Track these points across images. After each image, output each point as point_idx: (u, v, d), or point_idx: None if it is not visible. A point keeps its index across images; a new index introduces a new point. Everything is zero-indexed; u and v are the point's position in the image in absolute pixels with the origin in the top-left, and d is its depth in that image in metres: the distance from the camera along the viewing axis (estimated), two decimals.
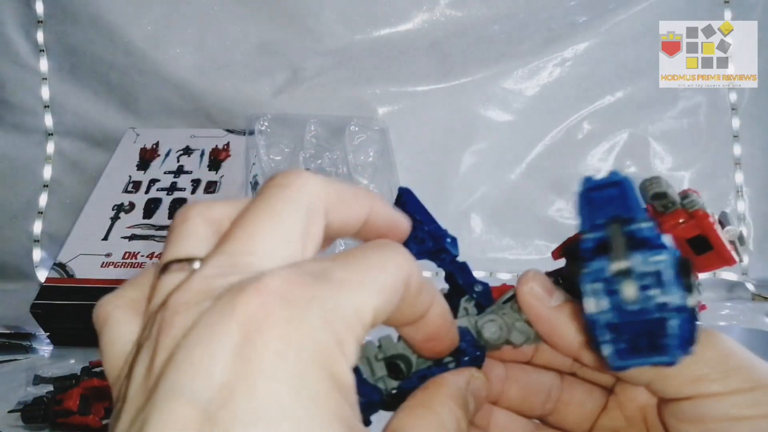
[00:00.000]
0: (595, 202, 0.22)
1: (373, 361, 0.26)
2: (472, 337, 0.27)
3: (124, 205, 0.80)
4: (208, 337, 0.16)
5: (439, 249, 0.28)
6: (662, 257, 0.20)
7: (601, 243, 0.21)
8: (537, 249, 0.91)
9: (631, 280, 0.20)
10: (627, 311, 0.20)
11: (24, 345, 0.74)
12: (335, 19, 0.91)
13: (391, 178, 0.86)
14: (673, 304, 0.20)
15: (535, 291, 0.26)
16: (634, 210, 0.21)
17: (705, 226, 0.27)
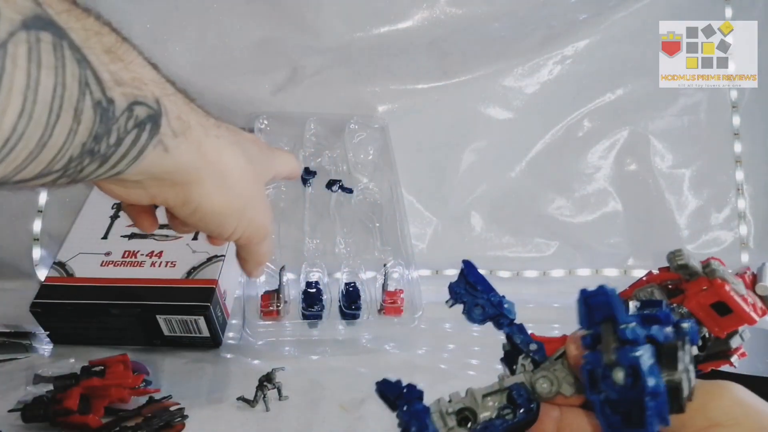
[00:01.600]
0: (592, 305, 0.27)
1: (444, 415, 0.31)
2: (527, 392, 0.31)
3: None
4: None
5: (498, 314, 0.34)
6: (640, 353, 0.25)
7: (596, 338, 0.27)
8: (537, 247, 0.91)
9: (619, 368, 0.25)
10: (617, 391, 0.25)
11: (24, 344, 0.74)
12: (335, 17, 0.91)
13: (391, 176, 0.86)
14: (648, 390, 0.24)
15: (582, 352, 0.29)
16: (619, 314, 0.26)
17: (722, 294, 0.32)
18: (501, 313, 0.34)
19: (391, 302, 0.74)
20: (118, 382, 0.59)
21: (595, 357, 0.26)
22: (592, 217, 0.92)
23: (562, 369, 0.31)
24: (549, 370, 0.31)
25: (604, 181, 0.93)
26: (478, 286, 0.36)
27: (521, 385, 0.31)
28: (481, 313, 0.35)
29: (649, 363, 0.25)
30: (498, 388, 0.31)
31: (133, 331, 0.70)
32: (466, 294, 0.36)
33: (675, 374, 0.26)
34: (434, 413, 0.31)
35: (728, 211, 0.92)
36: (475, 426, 0.30)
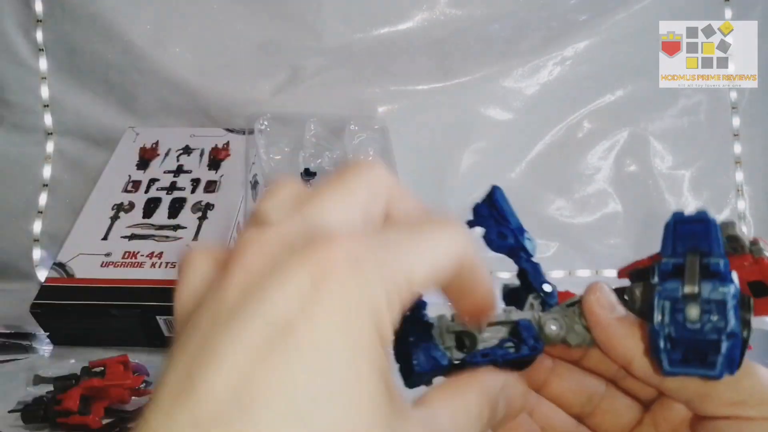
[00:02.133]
0: (680, 233, 0.25)
1: (444, 332, 0.29)
2: (534, 330, 0.30)
3: (123, 204, 0.80)
4: (280, 278, 0.18)
5: (518, 247, 0.32)
6: (728, 289, 0.23)
7: (677, 268, 0.25)
8: (537, 248, 0.91)
9: (697, 303, 0.24)
10: (687, 329, 0.24)
11: (24, 345, 0.74)
12: (335, 18, 0.91)
13: None
14: (728, 329, 0.23)
15: (602, 300, 0.29)
16: (714, 246, 0.25)
17: (767, 273, 0.31)
18: (522, 246, 0.32)
19: None
20: (118, 383, 0.59)
21: (673, 285, 0.24)
22: (592, 218, 0.92)
23: (573, 316, 0.30)
24: (560, 314, 0.30)
25: (603, 182, 0.93)
26: (503, 212, 0.32)
27: (528, 322, 0.30)
28: (501, 243, 0.32)
29: (734, 303, 0.23)
30: (504, 318, 0.30)
31: (134, 332, 0.70)
32: (490, 218, 0.32)
33: (746, 329, 0.24)
34: (435, 329, 0.29)
35: (728, 212, 0.92)
36: (474, 350, 0.29)
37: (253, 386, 0.17)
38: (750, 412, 0.25)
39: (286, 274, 0.19)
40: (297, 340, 0.17)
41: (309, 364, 0.17)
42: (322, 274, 0.18)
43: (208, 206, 0.80)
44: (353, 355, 0.18)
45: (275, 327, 0.17)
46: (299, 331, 0.18)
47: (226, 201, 0.80)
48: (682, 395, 0.27)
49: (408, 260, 0.21)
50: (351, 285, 0.19)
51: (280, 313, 0.18)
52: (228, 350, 0.17)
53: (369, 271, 0.19)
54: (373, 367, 0.18)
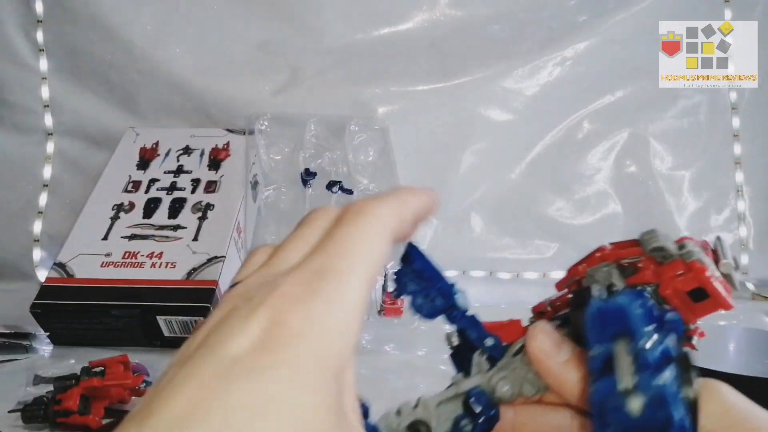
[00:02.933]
0: (602, 320, 0.24)
1: (393, 430, 0.28)
2: (486, 397, 0.28)
3: (124, 204, 0.80)
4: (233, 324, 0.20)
5: (449, 306, 0.29)
6: (664, 381, 0.22)
7: (607, 361, 0.23)
8: (537, 248, 0.91)
9: (637, 395, 0.22)
10: (632, 422, 0.22)
11: (24, 345, 0.74)
12: (335, 19, 0.91)
13: (391, 178, 0.86)
14: (675, 422, 0.21)
15: (544, 346, 0.27)
16: (638, 329, 0.23)
17: (703, 280, 0.29)
18: (453, 305, 0.29)
19: (391, 303, 0.74)
20: (118, 383, 0.59)
21: (608, 385, 0.23)
22: (592, 218, 0.92)
23: (521, 366, 0.28)
24: (508, 369, 0.28)
25: (603, 182, 0.93)
26: (425, 273, 0.29)
27: (480, 391, 0.28)
28: (430, 307, 0.29)
29: (674, 391, 0.22)
30: (453, 393, 0.28)
31: (134, 332, 0.70)
32: (412, 282, 0.29)
33: (691, 390, 0.23)
34: (383, 430, 0.27)
35: (728, 213, 0.92)
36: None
37: (197, 410, 0.18)
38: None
39: (237, 321, 0.20)
40: (241, 371, 0.18)
41: (249, 390, 0.18)
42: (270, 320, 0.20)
43: (208, 206, 0.80)
44: (295, 382, 0.19)
45: (225, 362, 0.19)
46: (245, 364, 0.19)
47: (226, 201, 0.80)
48: None
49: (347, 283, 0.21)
50: (296, 325, 0.20)
51: (231, 351, 0.19)
52: (183, 382, 0.19)
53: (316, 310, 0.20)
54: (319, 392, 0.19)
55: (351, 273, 0.22)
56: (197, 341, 0.20)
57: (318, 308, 0.20)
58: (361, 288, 0.22)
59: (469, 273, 0.91)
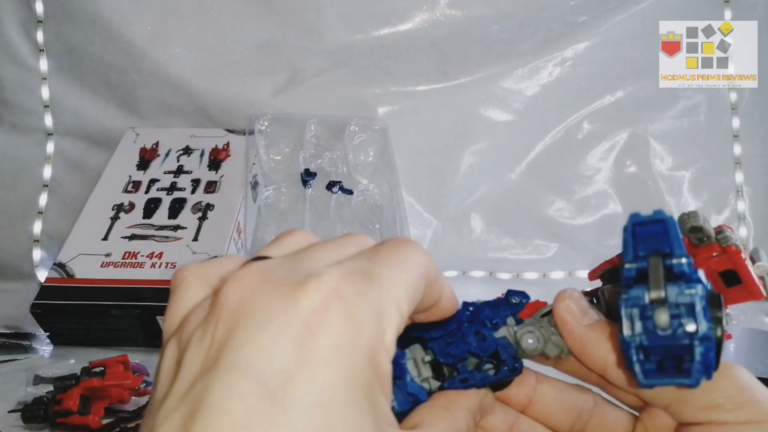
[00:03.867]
0: (640, 235, 0.24)
1: (419, 363, 0.28)
2: (512, 348, 0.29)
3: (124, 204, 0.80)
4: (270, 323, 0.18)
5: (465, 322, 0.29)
6: (695, 291, 0.22)
7: (641, 273, 0.24)
8: (537, 249, 0.91)
9: (665, 308, 0.23)
10: (658, 336, 0.23)
11: (24, 345, 0.74)
12: (335, 19, 0.91)
13: (391, 178, 0.86)
14: (700, 333, 0.22)
15: (571, 308, 0.28)
16: (675, 246, 0.23)
17: (737, 261, 0.30)
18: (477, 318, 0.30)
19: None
20: (118, 383, 0.59)
21: (639, 292, 0.23)
22: (592, 218, 0.92)
23: (548, 327, 0.29)
24: (535, 326, 0.29)
25: (603, 183, 0.93)
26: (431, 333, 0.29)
27: (505, 341, 0.29)
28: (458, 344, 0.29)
29: (703, 304, 0.22)
30: None
31: (134, 332, 0.70)
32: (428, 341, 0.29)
33: (719, 328, 0.23)
34: (409, 360, 0.28)
35: (728, 213, 0.92)
36: (451, 377, 0.28)
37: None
38: (726, 417, 0.25)
39: (276, 319, 0.18)
40: (297, 392, 0.17)
41: (309, 417, 0.17)
42: (315, 320, 0.18)
43: (208, 206, 0.80)
44: (355, 400, 0.18)
45: (271, 381, 0.17)
46: (299, 383, 0.18)
47: (226, 201, 0.80)
48: (659, 401, 0.27)
49: (392, 291, 0.21)
50: (345, 328, 0.19)
51: (276, 365, 0.18)
52: (224, 407, 0.17)
53: (360, 311, 0.19)
54: (370, 406, 0.19)
55: (394, 281, 0.21)
56: (221, 335, 0.19)
57: (359, 309, 0.19)
58: (402, 298, 0.22)
59: (469, 273, 0.91)
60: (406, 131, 0.90)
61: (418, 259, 0.23)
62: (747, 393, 0.25)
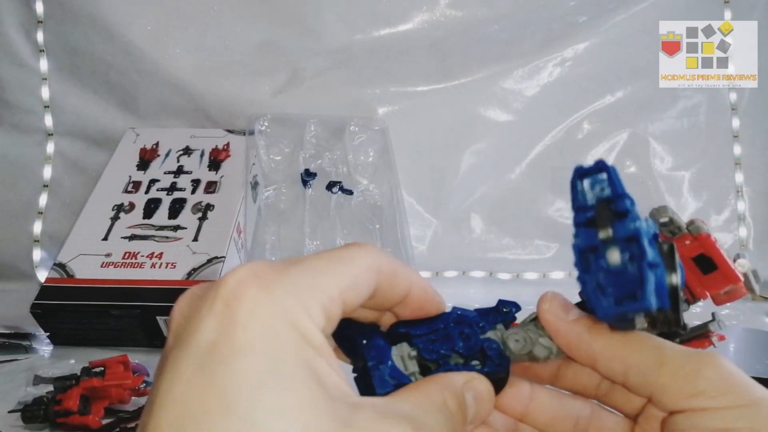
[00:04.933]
0: (589, 184, 0.26)
1: (406, 359, 0.29)
2: (498, 346, 0.30)
3: (124, 205, 0.80)
4: (200, 311, 0.21)
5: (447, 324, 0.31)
6: (638, 224, 0.24)
7: (590, 219, 0.26)
8: (537, 249, 0.91)
9: (615, 246, 0.24)
10: (612, 272, 0.24)
11: (24, 345, 0.74)
12: (335, 20, 0.91)
13: (391, 178, 0.86)
14: (648, 259, 0.23)
15: (553, 308, 0.29)
16: (617, 189, 0.25)
17: (708, 245, 0.31)
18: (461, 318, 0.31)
19: None
20: (118, 383, 0.59)
21: (588, 233, 0.25)
22: None
23: (535, 330, 0.30)
24: (522, 330, 0.30)
25: None
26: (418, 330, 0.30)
27: (492, 340, 0.30)
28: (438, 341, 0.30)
29: (649, 235, 0.24)
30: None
31: (134, 333, 0.70)
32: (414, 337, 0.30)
33: (674, 276, 0.25)
34: (395, 356, 0.29)
35: (728, 214, 0.92)
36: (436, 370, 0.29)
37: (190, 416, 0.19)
38: (710, 403, 0.25)
39: (202, 307, 0.21)
40: (219, 354, 0.20)
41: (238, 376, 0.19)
42: (232, 296, 0.21)
43: (208, 207, 0.80)
44: (275, 351, 0.20)
45: (205, 353, 0.20)
46: (221, 348, 0.20)
47: (226, 201, 0.80)
48: (644, 390, 0.27)
49: (324, 278, 0.23)
50: (259, 297, 0.21)
51: (205, 340, 0.20)
52: (169, 389, 0.20)
53: (276, 285, 0.22)
54: (298, 360, 0.20)
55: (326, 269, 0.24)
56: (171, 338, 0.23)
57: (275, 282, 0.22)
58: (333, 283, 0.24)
59: (469, 273, 0.91)
60: (406, 131, 0.90)
61: (364, 255, 0.25)
62: (729, 379, 0.26)
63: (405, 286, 0.28)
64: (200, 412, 0.19)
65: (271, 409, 0.19)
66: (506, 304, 0.32)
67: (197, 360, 0.20)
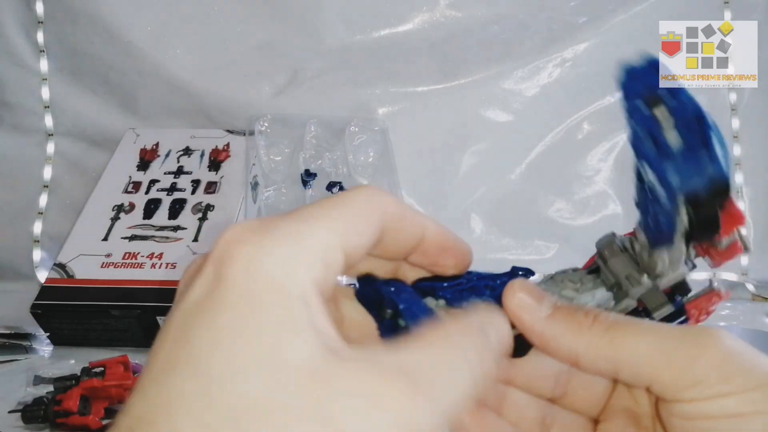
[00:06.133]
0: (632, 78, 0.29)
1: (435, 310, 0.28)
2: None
3: (124, 205, 0.80)
4: (194, 276, 0.21)
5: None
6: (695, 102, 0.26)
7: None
8: (537, 249, 0.91)
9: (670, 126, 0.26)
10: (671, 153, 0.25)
11: (24, 345, 0.74)
12: (335, 20, 0.91)
13: (391, 179, 0.86)
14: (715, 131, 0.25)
15: (524, 301, 0.26)
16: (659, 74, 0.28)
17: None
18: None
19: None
20: (118, 383, 0.59)
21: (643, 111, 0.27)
22: (592, 219, 0.92)
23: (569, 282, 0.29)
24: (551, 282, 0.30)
25: (603, 183, 0.93)
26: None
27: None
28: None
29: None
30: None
31: (134, 333, 0.70)
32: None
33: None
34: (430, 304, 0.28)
35: None
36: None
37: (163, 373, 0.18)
38: (713, 390, 0.23)
39: (197, 271, 0.21)
40: (207, 308, 0.19)
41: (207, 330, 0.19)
42: (225, 253, 0.20)
43: (208, 207, 0.80)
44: (269, 300, 0.19)
45: (188, 311, 0.20)
46: (208, 303, 0.19)
47: (226, 202, 0.80)
48: (638, 384, 0.25)
49: (317, 224, 0.21)
50: (253, 250, 0.20)
51: (191, 300, 0.20)
52: (152, 350, 0.20)
53: (267, 239, 0.20)
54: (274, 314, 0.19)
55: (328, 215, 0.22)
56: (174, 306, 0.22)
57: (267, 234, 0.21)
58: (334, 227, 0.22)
59: None
60: (406, 132, 0.90)
61: (365, 196, 0.23)
62: (733, 362, 0.23)
63: (417, 230, 0.25)
64: (170, 368, 0.18)
65: (229, 365, 0.18)
66: (520, 270, 0.30)
67: (181, 319, 0.20)
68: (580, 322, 0.25)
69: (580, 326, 0.25)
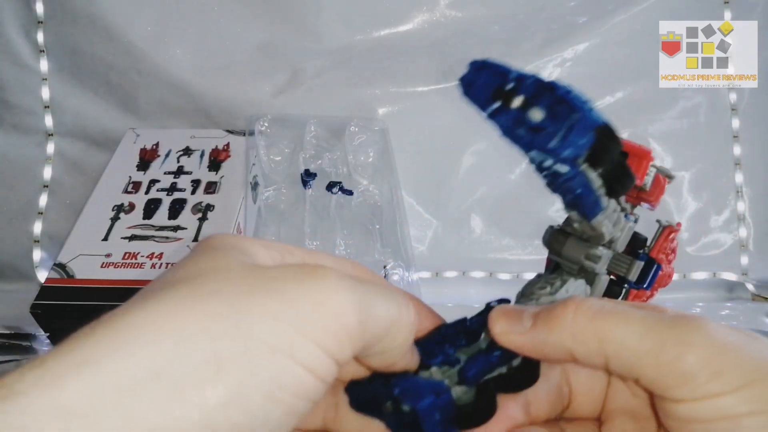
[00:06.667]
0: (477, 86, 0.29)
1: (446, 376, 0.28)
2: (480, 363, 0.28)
3: (124, 205, 0.80)
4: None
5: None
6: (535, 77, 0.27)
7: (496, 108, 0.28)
8: (537, 249, 0.91)
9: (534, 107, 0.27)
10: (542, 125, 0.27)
11: (24, 345, 0.74)
12: (335, 20, 0.91)
13: (391, 179, 0.86)
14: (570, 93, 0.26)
15: (506, 325, 0.27)
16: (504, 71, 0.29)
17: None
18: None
19: None
20: None
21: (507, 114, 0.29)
22: None
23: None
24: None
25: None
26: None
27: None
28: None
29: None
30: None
31: None
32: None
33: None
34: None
35: (728, 214, 0.92)
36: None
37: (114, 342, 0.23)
38: (703, 390, 0.22)
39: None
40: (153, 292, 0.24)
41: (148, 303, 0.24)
42: (203, 246, 0.28)
43: (208, 207, 0.80)
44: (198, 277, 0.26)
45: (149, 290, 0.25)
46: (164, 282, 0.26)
47: (227, 202, 0.80)
48: (628, 374, 0.24)
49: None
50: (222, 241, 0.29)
51: (164, 281, 0.25)
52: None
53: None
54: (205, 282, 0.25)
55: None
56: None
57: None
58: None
59: (469, 274, 0.91)
60: (406, 132, 0.90)
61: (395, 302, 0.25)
62: (722, 357, 0.22)
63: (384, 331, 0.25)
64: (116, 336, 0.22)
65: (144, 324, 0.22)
66: (493, 303, 0.29)
67: (143, 295, 0.23)
68: (558, 316, 0.25)
69: (562, 320, 0.25)
